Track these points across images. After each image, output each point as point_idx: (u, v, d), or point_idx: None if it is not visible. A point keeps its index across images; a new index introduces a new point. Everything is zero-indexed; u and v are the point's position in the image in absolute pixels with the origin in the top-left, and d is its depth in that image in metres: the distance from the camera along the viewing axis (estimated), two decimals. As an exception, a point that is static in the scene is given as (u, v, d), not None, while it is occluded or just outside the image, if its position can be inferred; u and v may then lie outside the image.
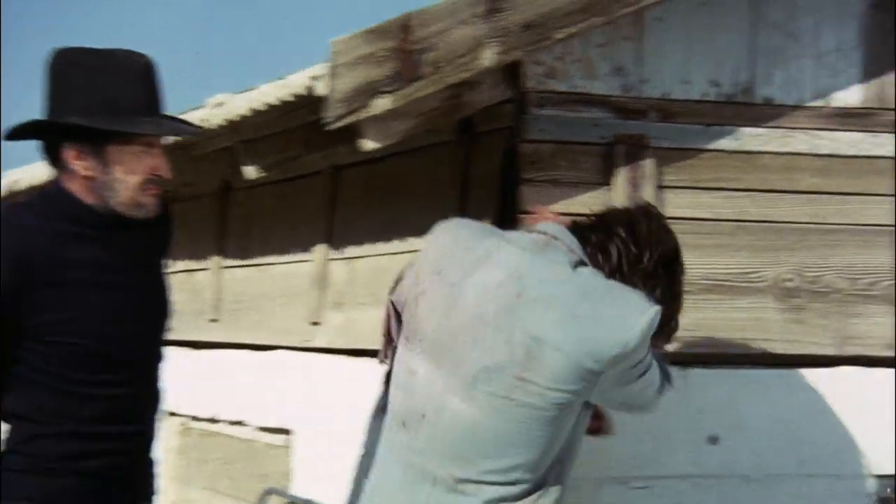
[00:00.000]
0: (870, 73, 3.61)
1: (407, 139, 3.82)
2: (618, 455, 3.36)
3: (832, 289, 3.57)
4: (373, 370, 4.00)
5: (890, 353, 3.59)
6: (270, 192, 4.85)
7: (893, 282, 3.61)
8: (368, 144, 3.13)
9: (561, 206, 3.38)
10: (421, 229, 3.79)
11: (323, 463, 4.32)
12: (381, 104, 2.94)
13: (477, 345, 2.55)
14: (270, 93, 3.26)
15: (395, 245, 3.97)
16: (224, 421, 5.11)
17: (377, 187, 4.14)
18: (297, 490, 4.44)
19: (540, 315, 2.53)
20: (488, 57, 3.00)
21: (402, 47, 2.88)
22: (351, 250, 4.29)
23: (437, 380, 2.59)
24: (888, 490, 3.57)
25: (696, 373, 3.43)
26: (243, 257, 5.11)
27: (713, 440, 3.44)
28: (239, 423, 4.97)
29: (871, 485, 3.56)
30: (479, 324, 2.55)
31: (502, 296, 2.55)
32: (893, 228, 3.62)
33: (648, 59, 3.46)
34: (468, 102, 3.30)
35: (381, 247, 4.08)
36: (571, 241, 2.65)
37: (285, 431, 4.62)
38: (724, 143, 3.52)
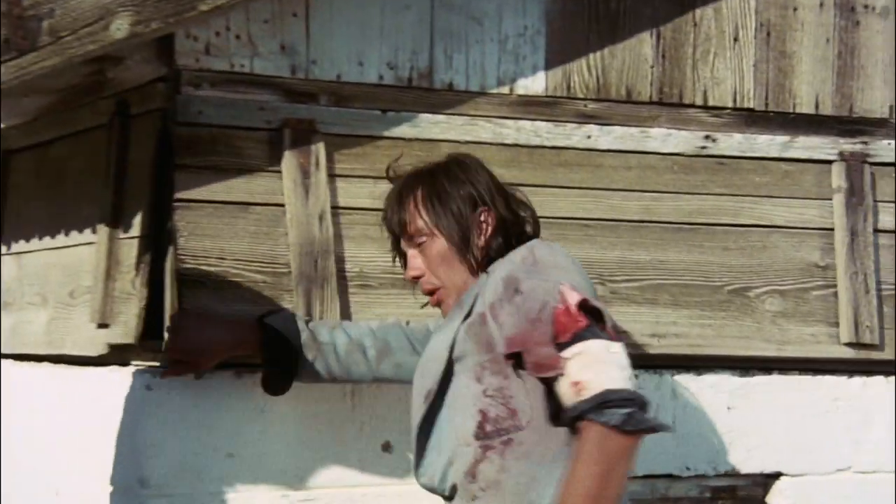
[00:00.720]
0: (555, 60, 3.45)
1: (71, 121, 3.53)
2: (278, 466, 3.10)
3: (516, 284, 3.40)
4: (45, 380, 3.68)
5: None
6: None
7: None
8: (-9, 122, 2.80)
9: (221, 195, 3.11)
10: (83, 221, 3.48)
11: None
12: (-12, 76, 2.60)
13: None
14: None
15: (61, 239, 3.64)
16: None
17: (45, 174, 3.80)
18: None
19: None
20: (120, 28, 2.69)
21: (13, 12, 2.55)
22: (21, 244, 3.94)
23: None
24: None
25: (368, 375, 3.21)
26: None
27: (386, 447, 3.23)
28: None
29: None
30: None
31: None
32: (585, 221, 3.48)
33: (319, 37, 3.22)
34: (114, 79, 3.01)
35: (48, 241, 3.74)
36: None
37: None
38: (403, 130, 3.30)
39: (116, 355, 3.22)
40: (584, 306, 2.61)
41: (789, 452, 3.65)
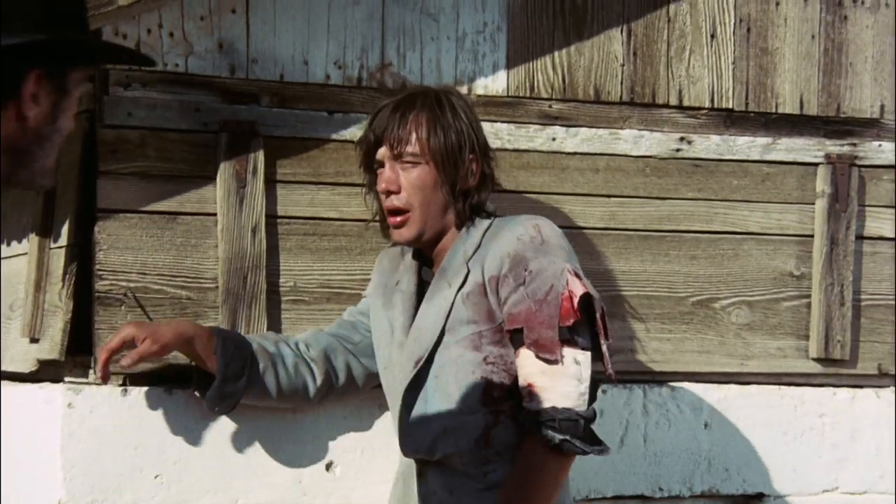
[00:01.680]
0: (517, 58, 3.27)
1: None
2: (210, 488, 2.94)
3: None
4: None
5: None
6: None
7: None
8: None
9: (148, 204, 2.95)
10: (21, 229, 3.33)
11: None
12: None
13: None
14: None
15: (4, 249, 3.49)
16: None
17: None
18: None
19: None
20: (28, 23, 2.53)
21: None
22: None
23: None
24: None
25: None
26: None
27: (329, 467, 3.06)
28: None
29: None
30: None
31: None
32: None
33: (260, 35, 3.05)
34: (36, 79, 2.84)
35: (-5, 250, 3.59)
36: None
37: None
38: (351, 133, 3.13)
39: (51, 371, 3.06)
40: (583, 301, 2.69)
41: (772, 472, 3.45)
